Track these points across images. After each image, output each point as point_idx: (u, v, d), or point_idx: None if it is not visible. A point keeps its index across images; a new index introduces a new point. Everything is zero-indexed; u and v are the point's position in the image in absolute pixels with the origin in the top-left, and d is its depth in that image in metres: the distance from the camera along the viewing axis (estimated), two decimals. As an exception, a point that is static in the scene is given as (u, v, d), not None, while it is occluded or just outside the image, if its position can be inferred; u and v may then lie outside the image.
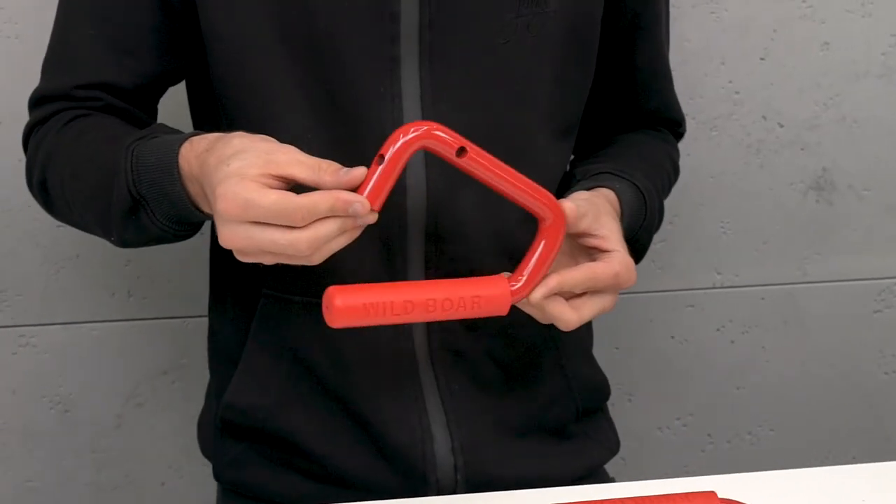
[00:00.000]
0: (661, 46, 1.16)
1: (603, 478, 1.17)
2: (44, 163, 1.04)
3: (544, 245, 0.93)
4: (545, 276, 0.93)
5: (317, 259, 0.86)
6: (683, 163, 1.49)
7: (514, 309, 1.06)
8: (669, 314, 1.58)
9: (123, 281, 1.47)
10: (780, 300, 1.59)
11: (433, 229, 1.02)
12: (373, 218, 0.86)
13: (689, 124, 1.48)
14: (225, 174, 0.85)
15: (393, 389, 1.05)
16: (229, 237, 0.86)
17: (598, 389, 1.16)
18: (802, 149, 1.53)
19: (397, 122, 0.99)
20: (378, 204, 0.86)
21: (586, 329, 1.16)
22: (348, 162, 0.95)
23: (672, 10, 1.43)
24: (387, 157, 0.85)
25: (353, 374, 1.05)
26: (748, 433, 1.65)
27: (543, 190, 0.93)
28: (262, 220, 0.84)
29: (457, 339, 1.05)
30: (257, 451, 1.09)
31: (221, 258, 1.12)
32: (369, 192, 0.85)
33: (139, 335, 1.49)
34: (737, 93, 1.50)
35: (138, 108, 1.07)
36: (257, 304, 1.07)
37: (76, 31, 1.04)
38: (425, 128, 0.86)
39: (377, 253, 1.02)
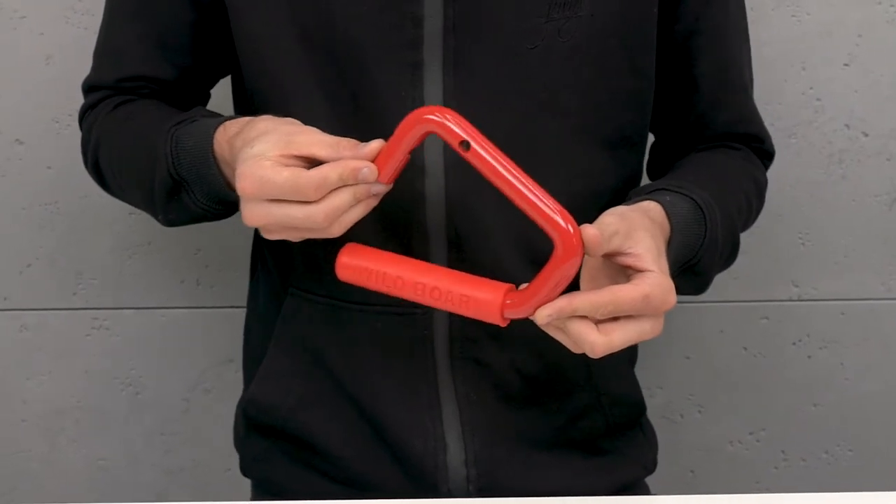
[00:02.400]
0: (732, 53, 1.08)
1: (640, 492, 1.14)
2: (95, 145, 1.08)
3: (549, 266, 0.86)
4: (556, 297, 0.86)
5: (336, 231, 0.88)
6: (760, 170, 1.46)
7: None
8: (742, 326, 1.54)
9: (193, 269, 1.50)
10: (861, 316, 1.53)
11: (454, 236, 1.01)
12: (383, 188, 0.88)
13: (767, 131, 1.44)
14: (247, 155, 0.88)
15: (410, 396, 1.04)
16: (250, 215, 0.89)
17: (632, 405, 1.13)
18: (889, 159, 1.46)
19: None
20: (386, 176, 0.88)
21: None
22: None
23: (751, 14, 1.39)
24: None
25: (371, 378, 1.05)
26: (825, 452, 1.59)
27: (550, 210, 0.84)
28: (278, 197, 0.86)
29: (479, 348, 1.04)
30: (280, 449, 1.10)
31: (259, 254, 1.13)
32: (376, 162, 0.88)
33: (206, 323, 1.52)
34: (818, 99, 1.44)
35: (184, 99, 1.10)
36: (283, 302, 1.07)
37: (120, 25, 1.07)
38: (436, 114, 0.86)
39: None
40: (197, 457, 1.58)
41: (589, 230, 0.84)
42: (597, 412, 1.09)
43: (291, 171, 0.86)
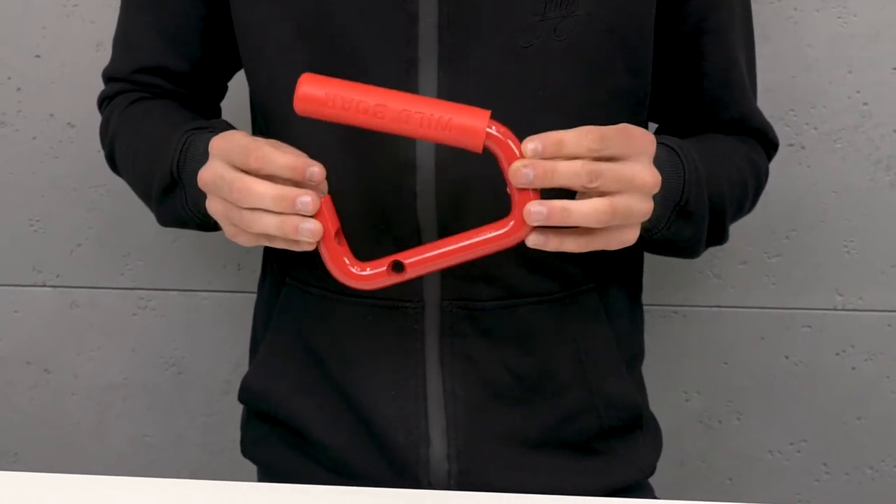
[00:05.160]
0: (734, 53, 1.08)
1: (639, 496, 1.13)
2: (112, 138, 1.12)
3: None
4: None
5: (247, 240, 0.91)
6: (802, 174, 1.43)
7: (532, 317, 1.04)
8: (783, 333, 1.50)
9: (234, 254, 1.54)
10: (909, 329, 1.49)
11: (444, 232, 1.00)
12: (309, 245, 0.88)
13: (810, 134, 1.41)
14: None
15: (397, 388, 1.05)
16: (205, 169, 0.91)
17: (628, 407, 1.11)
18: (939, 168, 1.42)
19: None
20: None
21: (623, 344, 1.11)
22: (364, 162, 0.98)
23: (794, 14, 1.38)
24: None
25: (360, 369, 1.06)
26: (869, 467, 1.55)
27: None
28: (231, 159, 0.88)
29: (470, 344, 1.04)
30: (277, 434, 1.12)
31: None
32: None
33: (247, 307, 1.53)
34: (865, 104, 1.40)
35: (196, 92, 1.13)
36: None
37: (135, 17, 1.11)
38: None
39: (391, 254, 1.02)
40: (237, 438, 1.60)
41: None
42: (590, 413, 1.08)
43: (254, 138, 0.89)
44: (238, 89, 1.19)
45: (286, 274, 1.09)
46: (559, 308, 1.05)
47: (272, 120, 1.03)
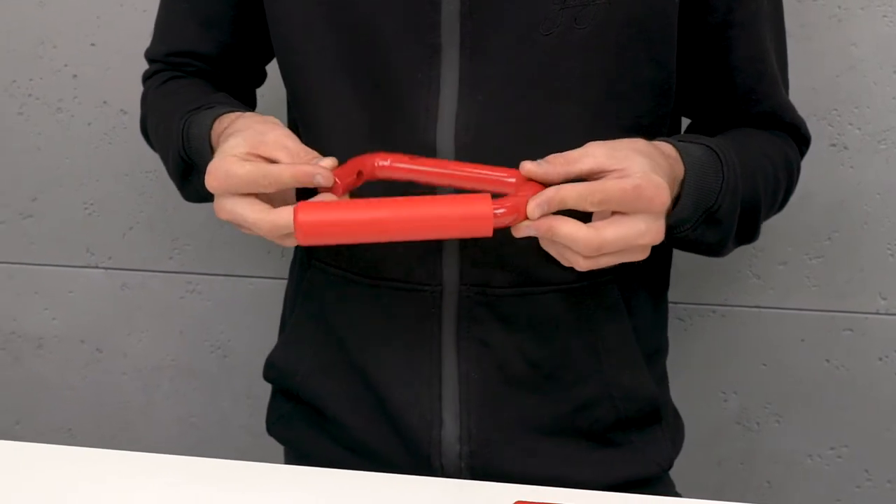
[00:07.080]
0: (763, 45, 1.07)
1: (656, 490, 1.13)
2: (144, 116, 1.17)
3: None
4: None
5: (289, 242, 0.94)
6: (845, 175, 1.41)
7: (549, 306, 1.05)
8: (824, 336, 1.48)
9: (278, 242, 1.57)
10: (955, 336, 1.45)
11: (464, 241, 1.02)
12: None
13: (854, 135, 1.39)
14: (218, 151, 0.94)
15: (412, 371, 1.06)
16: (219, 209, 0.94)
17: (645, 400, 1.10)
18: None
19: (433, 110, 1.00)
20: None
21: (643, 337, 1.11)
22: (387, 147, 0.99)
23: (838, 13, 1.36)
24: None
25: (377, 351, 1.08)
26: (913, 476, 1.52)
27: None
28: (240, 190, 0.91)
29: (486, 330, 1.05)
30: (299, 413, 1.15)
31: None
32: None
33: (289, 294, 1.58)
34: (911, 105, 1.38)
35: (229, 76, 1.16)
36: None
37: (172, 3, 1.15)
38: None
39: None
40: (278, 422, 1.64)
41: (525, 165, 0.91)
42: (606, 404, 1.08)
43: (253, 165, 0.91)
44: (278, 79, 1.22)
45: (312, 256, 1.12)
46: (577, 297, 1.06)
47: (303, 105, 1.05)
